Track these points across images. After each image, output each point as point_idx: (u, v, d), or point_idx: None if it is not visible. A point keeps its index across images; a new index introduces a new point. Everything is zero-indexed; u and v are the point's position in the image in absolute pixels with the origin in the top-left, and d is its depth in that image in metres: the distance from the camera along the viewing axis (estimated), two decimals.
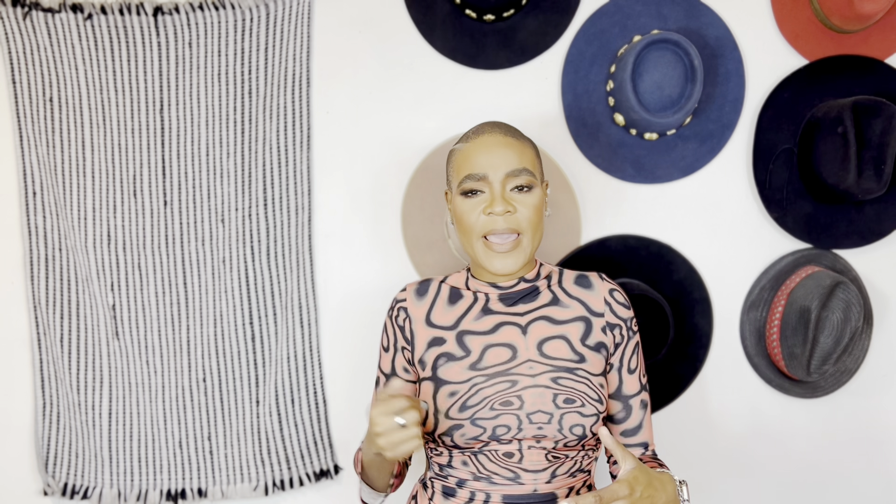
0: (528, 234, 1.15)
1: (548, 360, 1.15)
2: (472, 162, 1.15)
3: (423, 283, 1.26)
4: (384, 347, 1.26)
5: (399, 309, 1.24)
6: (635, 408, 1.24)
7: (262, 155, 1.55)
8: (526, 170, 1.14)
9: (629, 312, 1.23)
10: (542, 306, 1.20)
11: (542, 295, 1.22)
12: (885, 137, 1.45)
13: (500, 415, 1.11)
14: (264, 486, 1.58)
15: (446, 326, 1.20)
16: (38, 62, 1.53)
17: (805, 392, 1.61)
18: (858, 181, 1.47)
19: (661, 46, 1.45)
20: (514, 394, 1.12)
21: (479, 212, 1.14)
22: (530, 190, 1.15)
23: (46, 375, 1.57)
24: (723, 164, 1.58)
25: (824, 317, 1.46)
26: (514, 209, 1.13)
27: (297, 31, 1.54)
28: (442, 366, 1.17)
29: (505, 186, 1.14)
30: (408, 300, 1.24)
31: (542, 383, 1.13)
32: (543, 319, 1.19)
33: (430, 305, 1.23)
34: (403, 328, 1.22)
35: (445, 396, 1.14)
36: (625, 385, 1.23)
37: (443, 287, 1.25)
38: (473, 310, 1.21)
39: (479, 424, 1.11)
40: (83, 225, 1.55)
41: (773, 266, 1.58)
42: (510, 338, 1.17)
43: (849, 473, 1.64)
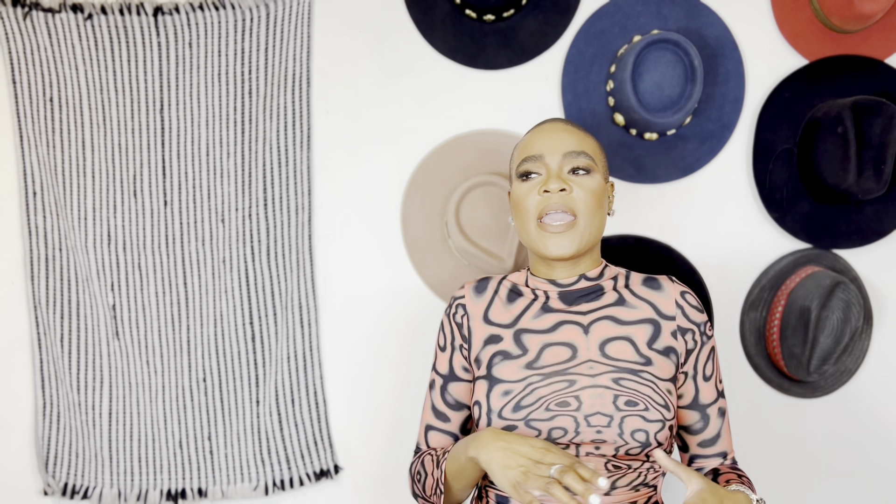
0: (585, 217, 1.10)
1: (610, 361, 1.09)
2: (531, 145, 1.14)
3: (482, 281, 1.21)
4: (440, 347, 1.20)
5: (458, 306, 1.19)
6: (713, 417, 1.16)
7: (262, 155, 1.55)
8: (584, 153, 1.11)
9: (703, 316, 1.15)
10: (607, 306, 1.14)
11: (606, 295, 1.15)
12: (885, 137, 1.45)
13: (557, 416, 1.05)
14: (264, 486, 1.58)
15: (504, 324, 1.15)
16: (39, 62, 1.53)
17: (805, 392, 1.61)
18: (858, 181, 1.47)
19: (661, 46, 1.45)
20: (572, 394, 1.06)
21: (535, 192, 1.11)
22: (588, 173, 1.11)
23: (46, 375, 1.57)
24: (723, 164, 1.58)
25: (824, 317, 1.46)
26: (570, 188, 1.09)
27: (297, 31, 1.54)
28: (497, 364, 1.11)
29: (562, 167, 1.11)
30: (466, 297, 1.19)
31: (603, 384, 1.06)
32: (608, 319, 1.13)
33: (489, 303, 1.18)
34: (462, 325, 1.17)
35: (499, 395, 1.08)
36: (701, 393, 1.15)
37: (502, 285, 1.20)
38: (532, 308, 1.15)
39: (534, 426, 1.05)
40: (83, 225, 1.55)
41: (773, 266, 1.58)
42: (570, 337, 1.12)
43: (849, 473, 1.64)
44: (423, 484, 1.13)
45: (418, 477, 1.15)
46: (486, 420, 1.08)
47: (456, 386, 1.18)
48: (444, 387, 1.19)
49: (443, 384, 1.19)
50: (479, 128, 1.56)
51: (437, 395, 1.19)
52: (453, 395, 1.18)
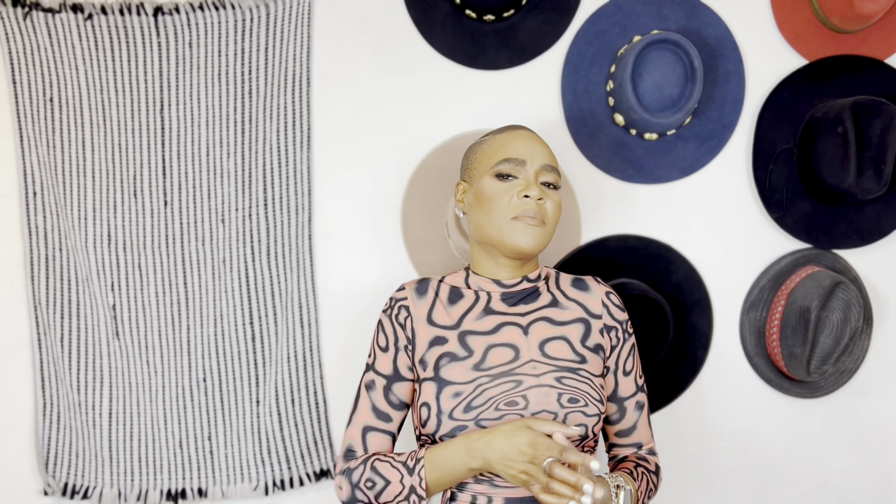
0: (550, 225, 1.17)
1: (550, 361, 1.16)
2: (512, 148, 1.18)
3: (422, 282, 1.25)
4: (381, 348, 1.22)
5: (400, 307, 1.22)
6: (630, 409, 1.26)
7: (263, 155, 1.55)
8: (556, 169, 1.19)
9: (624, 315, 1.25)
10: (543, 307, 1.21)
11: (542, 296, 1.22)
12: (885, 137, 1.45)
13: (505, 415, 1.10)
14: (264, 486, 1.58)
15: (448, 326, 1.19)
16: (39, 62, 1.53)
17: (805, 392, 1.61)
18: (858, 181, 1.47)
19: (661, 46, 1.45)
20: (519, 394, 1.12)
21: (513, 195, 1.16)
22: (556, 189, 1.19)
23: (46, 375, 1.57)
24: (723, 164, 1.58)
25: (824, 317, 1.46)
26: (545, 199, 1.16)
27: (298, 31, 1.54)
28: (444, 366, 1.15)
29: (538, 177, 1.17)
30: (408, 298, 1.22)
31: (547, 383, 1.13)
32: (544, 320, 1.19)
33: (431, 304, 1.22)
34: (405, 326, 1.20)
35: (449, 397, 1.12)
36: (620, 387, 1.25)
37: (442, 286, 1.24)
38: (475, 309, 1.20)
39: (484, 425, 1.10)
40: (83, 225, 1.55)
41: (773, 266, 1.58)
42: (512, 338, 1.17)
43: (849, 473, 1.64)
44: (378, 491, 1.13)
45: (368, 484, 1.14)
46: (435, 421, 1.12)
47: (401, 386, 1.21)
48: (387, 387, 1.20)
49: (386, 384, 1.20)
50: (479, 128, 1.56)
51: (378, 396, 1.20)
52: (398, 394, 1.21)
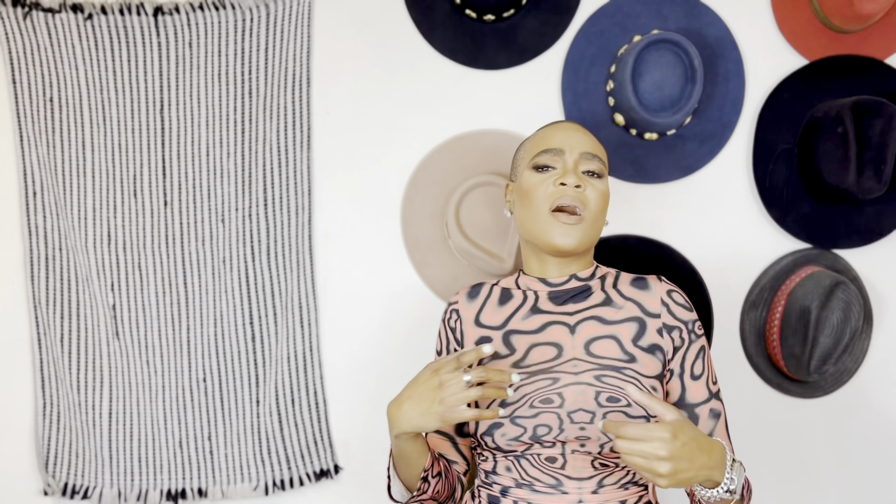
0: (591, 216, 1.12)
1: (593, 359, 1.10)
2: (550, 138, 1.16)
3: (476, 287, 1.25)
4: (437, 352, 1.25)
5: (452, 312, 1.23)
6: (703, 417, 1.13)
7: (262, 155, 1.55)
8: (599, 157, 1.15)
9: (691, 315, 1.16)
10: (594, 306, 1.15)
11: (594, 295, 1.16)
12: (885, 137, 1.45)
13: (541, 413, 1.06)
14: (264, 486, 1.58)
15: (494, 326, 1.18)
16: (38, 62, 1.53)
17: (805, 392, 1.61)
18: (858, 181, 1.47)
19: (661, 46, 1.45)
20: (555, 391, 1.07)
21: (549, 184, 1.12)
22: (600, 178, 1.14)
23: (46, 375, 1.57)
24: (723, 164, 1.58)
25: (824, 317, 1.46)
26: (584, 186, 1.11)
27: (298, 31, 1.54)
28: (486, 364, 1.14)
29: (578, 165, 1.13)
30: (460, 303, 1.23)
31: (585, 380, 1.07)
32: (594, 319, 1.14)
33: (481, 307, 1.21)
34: (455, 330, 1.21)
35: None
36: (688, 392, 1.13)
37: (494, 289, 1.23)
38: (522, 309, 1.17)
39: (519, 423, 1.06)
40: (83, 225, 1.55)
41: (773, 266, 1.58)
42: (557, 337, 1.13)
43: (849, 473, 1.64)
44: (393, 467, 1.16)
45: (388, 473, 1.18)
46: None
47: None
48: None
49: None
50: (480, 128, 1.56)
51: None
52: None
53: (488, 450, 1.11)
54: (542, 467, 1.07)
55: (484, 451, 1.13)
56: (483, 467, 1.14)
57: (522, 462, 1.08)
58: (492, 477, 1.12)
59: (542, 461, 1.07)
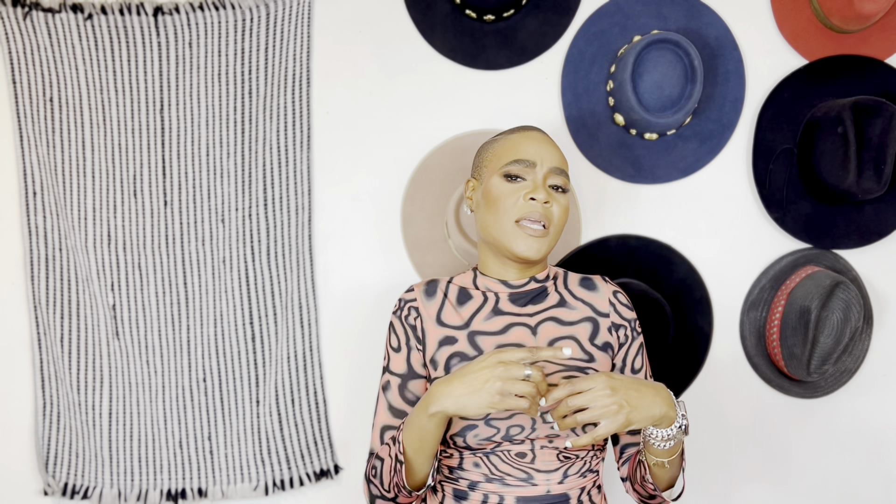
0: (555, 230, 1.17)
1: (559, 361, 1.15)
2: (523, 149, 1.18)
3: (431, 284, 1.25)
4: (394, 348, 1.22)
5: (409, 308, 1.22)
6: None
7: (262, 155, 1.55)
8: (565, 173, 1.19)
9: (632, 314, 1.25)
10: (550, 307, 1.21)
11: (549, 296, 1.22)
12: (885, 137, 1.45)
13: (515, 414, 1.10)
14: (264, 486, 1.58)
15: (457, 326, 1.19)
16: (38, 62, 1.53)
17: (805, 392, 1.61)
18: (858, 181, 1.47)
19: (661, 46, 1.45)
20: None
21: (519, 196, 1.15)
22: (565, 193, 1.19)
23: (46, 375, 1.57)
24: (723, 164, 1.58)
25: (824, 317, 1.46)
26: (551, 203, 1.16)
27: (298, 31, 1.54)
28: (455, 366, 1.15)
29: (546, 179, 1.17)
30: (418, 299, 1.23)
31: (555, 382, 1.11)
32: (552, 321, 1.19)
33: (441, 305, 1.22)
34: (415, 327, 1.21)
35: None
36: None
37: (451, 287, 1.24)
38: (483, 310, 1.20)
39: (494, 425, 1.10)
40: (83, 225, 1.55)
41: (773, 266, 1.58)
42: (521, 338, 1.17)
43: (849, 473, 1.64)
44: (381, 474, 1.12)
45: (373, 472, 1.14)
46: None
47: (416, 383, 1.21)
48: (402, 385, 1.21)
49: (401, 383, 1.21)
50: (479, 128, 1.56)
51: (394, 395, 1.20)
52: (413, 391, 1.21)
53: (455, 448, 1.15)
54: (512, 462, 1.12)
55: (448, 449, 1.16)
56: (447, 463, 1.17)
57: (492, 458, 1.13)
58: (457, 472, 1.15)
59: (513, 457, 1.12)
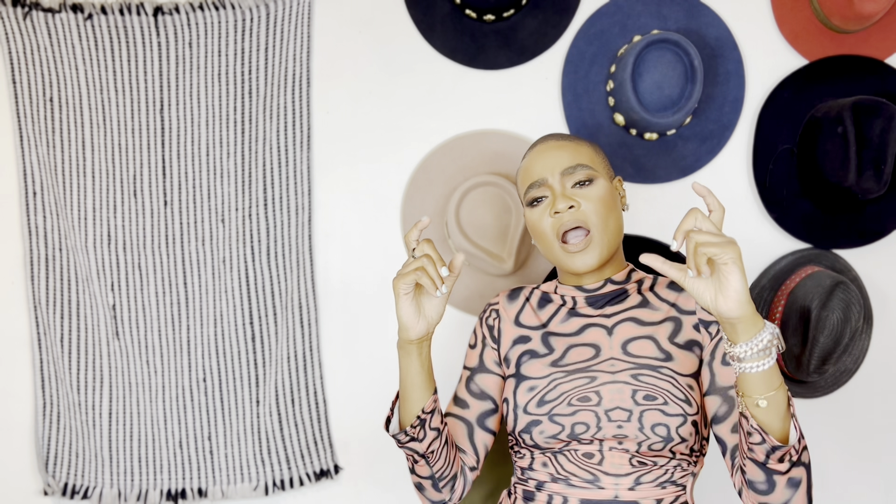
0: (598, 227, 1.12)
1: (630, 359, 1.12)
2: (531, 171, 1.17)
3: (515, 290, 1.27)
4: (471, 346, 1.25)
5: (491, 311, 1.25)
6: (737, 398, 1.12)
7: (262, 155, 1.55)
8: (581, 165, 1.14)
9: None
10: (630, 308, 1.18)
11: (630, 298, 1.19)
12: (885, 137, 1.45)
13: (578, 411, 1.08)
14: (264, 486, 1.58)
15: (533, 326, 1.20)
16: (38, 62, 1.53)
17: (805, 392, 1.61)
18: (858, 181, 1.47)
19: (660, 46, 1.45)
20: (592, 389, 1.09)
21: (547, 215, 1.14)
22: (592, 183, 1.14)
23: (46, 375, 1.57)
24: (723, 164, 1.58)
25: (824, 317, 1.46)
26: (577, 204, 1.12)
27: (298, 31, 1.54)
28: (525, 363, 1.16)
29: (564, 185, 1.14)
30: (500, 304, 1.25)
31: (622, 379, 1.09)
32: (630, 321, 1.16)
33: (521, 308, 1.24)
34: (493, 327, 1.23)
35: (525, 391, 1.12)
36: (718, 377, 1.09)
37: (534, 292, 1.25)
38: (561, 312, 1.21)
39: (557, 421, 1.08)
40: (83, 225, 1.55)
41: (773, 266, 1.58)
42: (595, 338, 1.16)
43: (849, 473, 1.64)
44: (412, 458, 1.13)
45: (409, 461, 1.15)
46: (513, 416, 1.12)
47: (483, 377, 1.22)
48: (470, 378, 1.22)
49: (469, 375, 1.23)
50: (479, 128, 1.57)
51: (461, 386, 1.23)
52: (479, 384, 1.22)
53: (526, 447, 1.14)
54: (579, 463, 1.09)
55: (521, 449, 1.15)
56: (519, 464, 1.16)
57: (560, 458, 1.10)
58: (528, 473, 1.14)
59: (580, 457, 1.09)
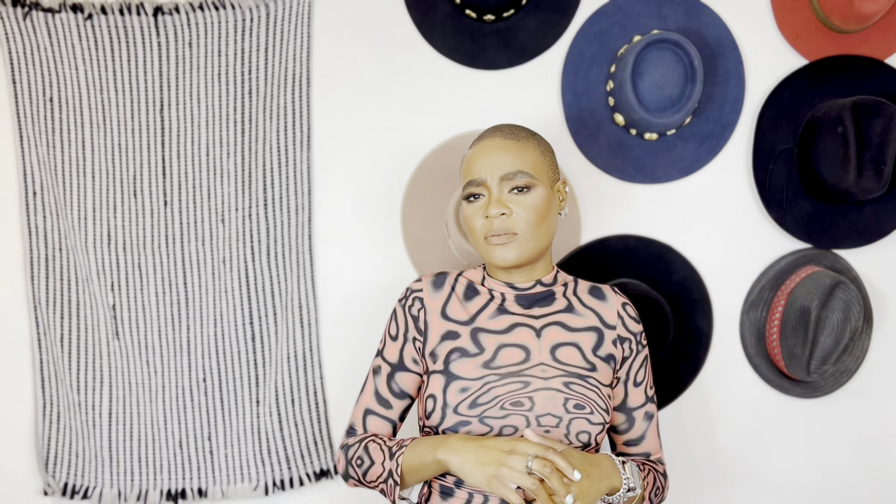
0: (526, 234, 1.15)
1: (560, 366, 1.16)
2: (472, 168, 1.18)
3: (440, 276, 1.25)
4: (391, 336, 1.24)
5: (414, 298, 1.23)
6: (638, 419, 1.25)
7: (262, 155, 1.55)
8: (521, 172, 1.15)
9: (639, 327, 1.25)
10: (557, 312, 1.21)
11: (557, 301, 1.22)
12: (885, 137, 1.45)
13: (510, 415, 1.11)
14: (264, 486, 1.58)
15: (461, 321, 1.20)
16: (38, 62, 1.53)
17: (805, 392, 1.61)
18: (858, 181, 1.47)
19: (661, 46, 1.45)
20: (526, 395, 1.12)
21: (480, 215, 1.17)
22: (528, 191, 1.15)
23: (46, 375, 1.57)
24: (723, 164, 1.58)
25: (824, 317, 1.46)
26: (509, 211, 1.14)
27: (298, 31, 1.54)
28: (455, 360, 1.16)
29: (502, 189, 1.15)
30: (424, 290, 1.23)
31: (555, 387, 1.13)
32: (557, 325, 1.20)
33: (447, 299, 1.23)
34: (417, 318, 1.22)
35: (456, 392, 1.13)
36: (629, 397, 1.24)
37: (459, 281, 1.25)
38: (489, 308, 1.21)
39: (487, 423, 1.11)
40: (83, 225, 1.55)
41: (773, 266, 1.58)
42: (524, 339, 1.18)
43: (849, 473, 1.64)
44: (365, 470, 1.17)
45: (359, 462, 1.18)
46: (440, 413, 1.13)
47: (403, 376, 1.22)
48: (391, 375, 1.23)
49: (390, 372, 1.23)
50: (479, 128, 1.56)
51: (382, 382, 1.23)
52: (399, 384, 1.22)
53: None
54: None
55: None
56: None
57: None
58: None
59: None
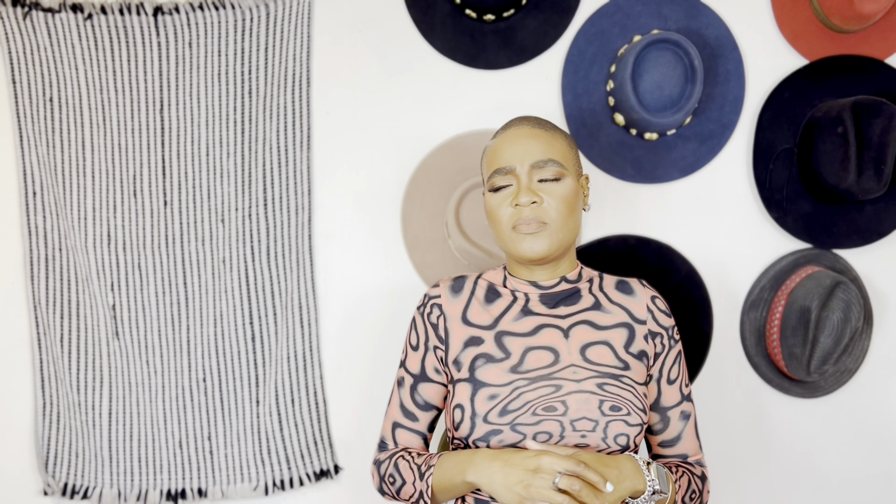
0: (556, 223, 1.10)
1: (592, 366, 1.10)
2: (499, 156, 1.13)
3: (458, 280, 1.21)
4: (412, 346, 1.19)
5: (432, 306, 1.18)
6: (674, 419, 1.19)
7: (262, 155, 1.55)
8: (552, 161, 1.11)
9: (671, 321, 1.19)
10: (584, 310, 1.15)
11: (583, 298, 1.17)
12: (885, 137, 1.45)
13: (543, 420, 1.05)
14: (264, 486, 1.58)
15: (484, 326, 1.15)
16: (38, 62, 1.53)
17: (805, 392, 1.61)
18: (858, 181, 1.47)
19: (661, 46, 1.45)
20: (558, 399, 1.06)
21: (508, 204, 1.11)
22: (559, 181, 1.11)
23: (46, 375, 1.57)
24: (723, 164, 1.58)
25: (824, 317, 1.46)
26: (540, 200, 1.10)
27: (297, 31, 1.54)
28: (480, 367, 1.11)
29: (532, 178, 1.11)
30: (442, 297, 1.18)
31: (588, 389, 1.07)
32: (585, 324, 1.14)
33: (467, 303, 1.17)
34: (437, 326, 1.16)
35: (485, 399, 1.07)
36: (663, 396, 1.18)
37: (479, 284, 1.19)
38: (512, 310, 1.15)
39: (520, 430, 1.05)
40: (83, 225, 1.55)
41: (773, 266, 1.58)
42: (551, 341, 1.12)
43: (849, 473, 1.64)
44: (398, 488, 1.14)
45: (391, 480, 1.15)
46: (469, 424, 1.07)
47: (426, 387, 1.18)
48: (413, 386, 1.18)
49: (413, 384, 1.19)
50: (479, 128, 1.56)
51: (406, 394, 1.19)
52: (423, 395, 1.18)
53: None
54: None
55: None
56: None
57: None
58: None
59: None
